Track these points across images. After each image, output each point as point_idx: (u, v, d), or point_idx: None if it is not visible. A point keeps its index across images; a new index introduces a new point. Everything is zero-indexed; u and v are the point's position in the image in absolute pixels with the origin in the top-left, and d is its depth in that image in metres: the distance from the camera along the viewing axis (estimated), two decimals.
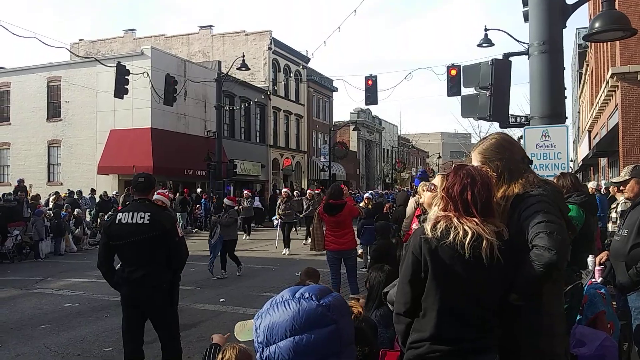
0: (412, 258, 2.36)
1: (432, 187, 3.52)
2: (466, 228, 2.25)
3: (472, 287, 2.27)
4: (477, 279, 2.26)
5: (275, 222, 17.16)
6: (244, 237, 20.09)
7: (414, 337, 2.35)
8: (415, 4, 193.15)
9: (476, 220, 2.28)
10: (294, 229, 19.01)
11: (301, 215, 18.32)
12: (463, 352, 2.26)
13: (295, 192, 22.67)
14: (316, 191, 22.53)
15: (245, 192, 22.31)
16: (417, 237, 2.39)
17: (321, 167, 42.10)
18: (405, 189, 31.52)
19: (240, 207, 19.73)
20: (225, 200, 12.89)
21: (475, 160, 2.72)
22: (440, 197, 2.43)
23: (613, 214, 7.28)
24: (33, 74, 28.44)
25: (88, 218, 20.91)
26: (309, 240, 14.87)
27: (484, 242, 2.23)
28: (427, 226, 2.36)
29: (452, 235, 2.25)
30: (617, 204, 7.40)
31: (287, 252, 15.23)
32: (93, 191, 23.43)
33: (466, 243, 2.21)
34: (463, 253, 2.21)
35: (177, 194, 23.79)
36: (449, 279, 2.27)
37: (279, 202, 16.68)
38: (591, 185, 12.45)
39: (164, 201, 6.98)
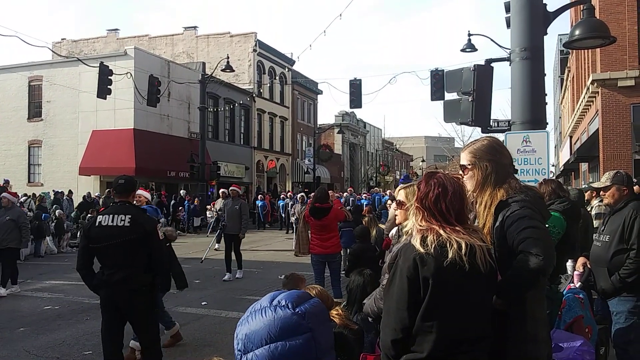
0: (408, 282, 2.19)
1: (398, 202, 3.48)
2: (458, 239, 2.18)
3: (472, 298, 2.21)
4: (476, 288, 2.21)
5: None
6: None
7: (410, 357, 2.22)
8: (400, 9, 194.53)
9: (459, 228, 2.22)
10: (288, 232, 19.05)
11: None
12: None
13: (299, 196, 20.78)
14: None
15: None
16: (408, 258, 2.22)
17: (305, 170, 42.10)
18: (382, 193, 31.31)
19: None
20: (235, 188, 12.13)
21: (465, 159, 2.74)
22: (415, 207, 2.35)
23: None
24: (14, 73, 28.10)
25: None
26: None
27: (477, 249, 2.19)
28: (416, 243, 2.22)
29: (449, 253, 2.15)
30: (592, 207, 7.52)
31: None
32: (70, 193, 23.21)
33: (463, 254, 2.14)
34: (463, 265, 2.14)
35: (154, 196, 23.55)
36: (452, 296, 2.17)
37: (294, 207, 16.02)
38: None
39: (146, 196, 7.67)
